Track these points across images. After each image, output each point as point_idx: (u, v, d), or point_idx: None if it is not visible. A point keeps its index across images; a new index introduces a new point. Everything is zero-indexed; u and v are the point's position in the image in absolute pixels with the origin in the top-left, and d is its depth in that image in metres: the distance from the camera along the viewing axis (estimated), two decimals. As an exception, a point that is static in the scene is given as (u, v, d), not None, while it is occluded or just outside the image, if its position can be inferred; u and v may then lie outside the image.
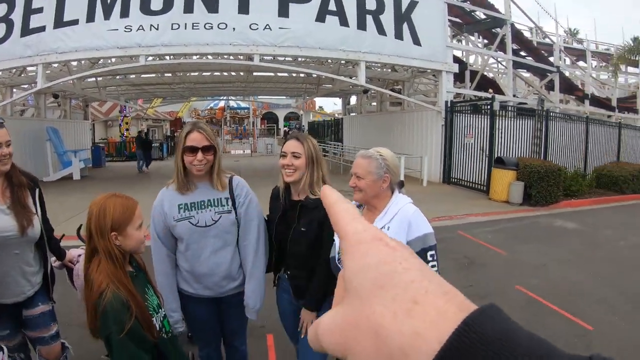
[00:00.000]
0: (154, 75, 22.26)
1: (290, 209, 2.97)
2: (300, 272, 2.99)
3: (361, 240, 0.42)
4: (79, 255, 3.26)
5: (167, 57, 15.65)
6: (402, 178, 3.00)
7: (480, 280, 7.01)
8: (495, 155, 14.80)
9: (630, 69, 30.28)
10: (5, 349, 2.97)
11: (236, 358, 3.42)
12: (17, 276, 3.02)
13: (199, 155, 2.79)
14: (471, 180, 15.95)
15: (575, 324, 5.46)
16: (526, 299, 6.28)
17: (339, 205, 0.47)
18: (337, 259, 2.66)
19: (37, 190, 3.24)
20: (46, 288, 3.28)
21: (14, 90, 19.16)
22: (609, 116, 24.46)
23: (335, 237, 2.64)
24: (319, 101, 52.88)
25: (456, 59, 19.04)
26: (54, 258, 3.39)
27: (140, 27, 13.61)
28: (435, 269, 2.46)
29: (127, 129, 33.80)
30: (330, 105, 56.02)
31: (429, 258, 2.45)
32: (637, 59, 21.82)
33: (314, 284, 2.90)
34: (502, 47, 20.13)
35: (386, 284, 0.38)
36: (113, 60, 17.19)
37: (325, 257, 2.81)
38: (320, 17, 14.68)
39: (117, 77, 22.50)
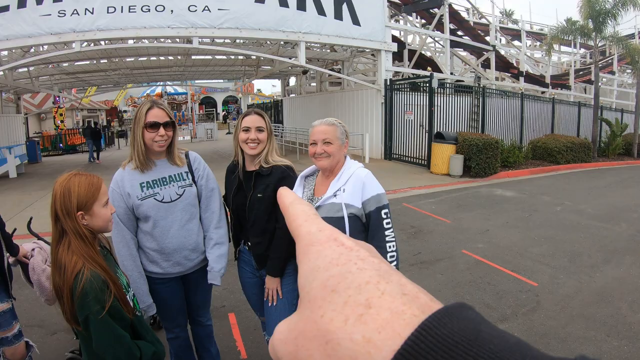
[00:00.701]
0: (88, 62, 21.16)
1: (246, 180, 2.99)
2: (260, 239, 2.99)
3: (314, 242, 0.39)
4: (33, 250, 3.23)
5: (103, 43, 14.96)
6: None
7: (428, 247, 7.11)
8: (435, 131, 15.04)
9: (564, 48, 31.71)
10: None
11: (204, 334, 3.42)
12: None
13: (161, 130, 2.81)
14: (412, 156, 16.19)
15: (520, 281, 5.77)
16: (473, 261, 6.53)
17: (294, 207, 0.45)
18: None
19: None
20: (4, 285, 3.13)
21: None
22: (543, 92, 25.44)
23: None
24: (258, 84, 52.52)
25: (395, 39, 19.18)
26: (7, 254, 3.23)
27: (75, 12, 12.78)
28: (390, 226, 2.56)
29: (61, 121, 32.37)
30: (269, 88, 55.73)
31: (384, 216, 2.55)
32: (570, 38, 22.52)
33: (274, 248, 2.93)
34: (440, 26, 20.39)
35: (338, 287, 0.35)
36: (46, 47, 16.00)
37: (283, 221, 2.65)
38: (260, -2, 14.38)
39: (50, 65, 21.20)
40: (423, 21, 23.33)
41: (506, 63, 24.44)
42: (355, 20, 16.23)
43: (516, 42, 28.62)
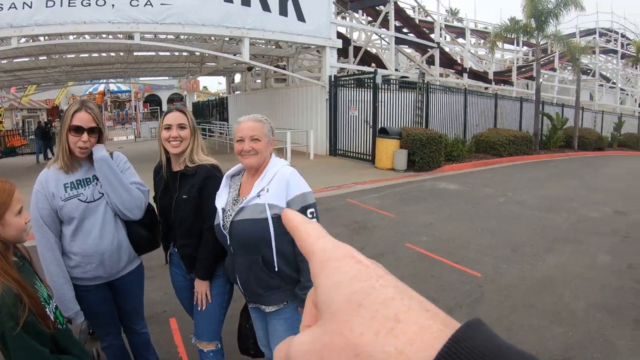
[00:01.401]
0: (27, 59, 20.02)
1: (172, 181, 2.91)
2: (187, 241, 2.91)
3: (331, 258, 0.40)
4: None
5: (42, 38, 14.10)
6: (289, 152, 2.79)
7: (373, 242, 7.00)
8: (379, 126, 15.01)
9: (507, 46, 32.63)
10: None
11: (140, 343, 3.29)
12: None
13: (84, 136, 2.67)
14: (357, 151, 16.16)
15: (464, 272, 5.76)
16: (417, 254, 6.47)
17: (304, 226, 0.44)
18: (221, 226, 2.56)
19: None
20: None
21: None
22: (486, 88, 25.99)
23: (218, 205, 2.61)
24: (204, 81, 51.70)
25: (340, 35, 19.17)
26: None
27: (12, 5, 11.87)
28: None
29: (0, 122, 30.77)
30: (215, 85, 54.90)
31: (309, 215, 2.45)
32: (513, 37, 23.27)
33: (202, 250, 2.85)
34: (385, 24, 20.53)
35: (364, 302, 0.36)
36: (-19, 44, 15.22)
37: (209, 223, 2.75)
38: (204, -7, 13.96)
39: (-14, 63, 20.16)
40: (369, 18, 23.58)
41: (450, 60, 24.88)
42: (301, 17, 16.04)
43: (460, 40, 29.20)
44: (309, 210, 2.46)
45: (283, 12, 15.63)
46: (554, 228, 7.93)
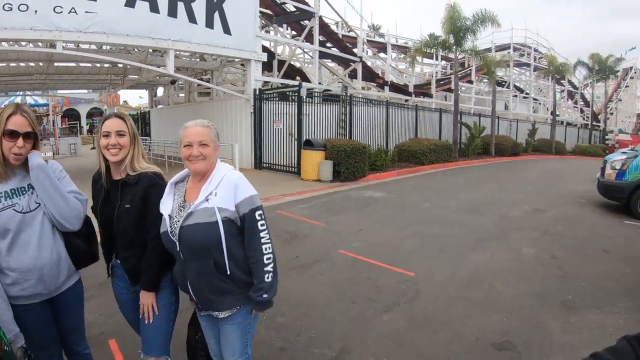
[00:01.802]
0: None
1: (113, 190, 2.79)
2: (131, 252, 2.80)
3: None
4: None
5: None
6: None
7: (305, 251, 6.99)
8: (304, 139, 15.11)
9: (426, 60, 34.00)
10: None
11: None
12: None
13: (20, 141, 2.50)
14: (283, 164, 16.16)
15: (398, 273, 5.88)
16: (350, 259, 6.54)
17: None
18: (169, 233, 2.51)
19: None
20: None
21: None
22: (407, 100, 26.96)
23: (164, 212, 2.56)
24: (124, 95, 49.94)
25: (265, 49, 19.17)
26: None
27: None
28: (265, 227, 2.51)
29: None
30: (136, 99, 53.40)
31: (258, 217, 2.50)
32: (432, 51, 24.24)
33: (147, 261, 2.75)
34: (309, 38, 20.76)
35: None
36: None
37: (154, 232, 2.68)
38: (130, 2, 13.46)
39: None
40: (293, 32, 23.75)
41: (372, 73, 25.54)
42: (227, 30, 15.94)
43: (382, 54, 30.00)
44: (257, 212, 2.49)
45: (209, 24, 15.46)
46: (478, 227, 8.29)
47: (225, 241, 2.42)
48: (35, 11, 11.98)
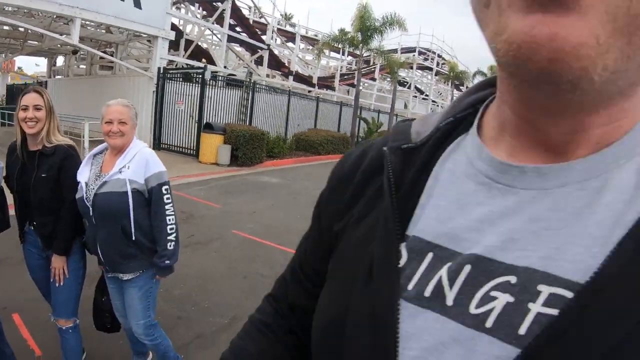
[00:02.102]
0: None
1: (29, 160, 2.95)
2: (47, 219, 2.98)
3: None
4: None
5: None
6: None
7: (201, 230, 7.39)
8: (205, 122, 15.33)
9: (333, 54, 34.49)
10: None
11: None
12: None
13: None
14: (182, 146, 16.20)
15: (289, 252, 6.15)
16: (243, 239, 7.02)
17: None
18: (84, 199, 2.75)
19: None
20: None
21: None
22: (310, 91, 27.48)
23: (81, 179, 2.79)
24: (20, 61, 46.90)
25: (174, 27, 18.84)
26: None
27: None
28: (170, 201, 2.86)
29: None
30: (32, 66, 50.24)
31: (164, 191, 2.83)
32: (340, 46, 24.83)
33: (61, 226, 2.94)
34: (220, 20, 20.61)
35: None
36: None
37: (69, 199, 2.88)
38: (39, -35, 12.76)
39: None
40: (204, 12, 23.35)
41: (278, 62, 25.82)
42: (137, 3, 15.33)
43: (290, 44, 30.21)
44: (164, 187, 2.83)
45: (120, -5, 14.76)
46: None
47: (133, 210, 2.72)
48: None
